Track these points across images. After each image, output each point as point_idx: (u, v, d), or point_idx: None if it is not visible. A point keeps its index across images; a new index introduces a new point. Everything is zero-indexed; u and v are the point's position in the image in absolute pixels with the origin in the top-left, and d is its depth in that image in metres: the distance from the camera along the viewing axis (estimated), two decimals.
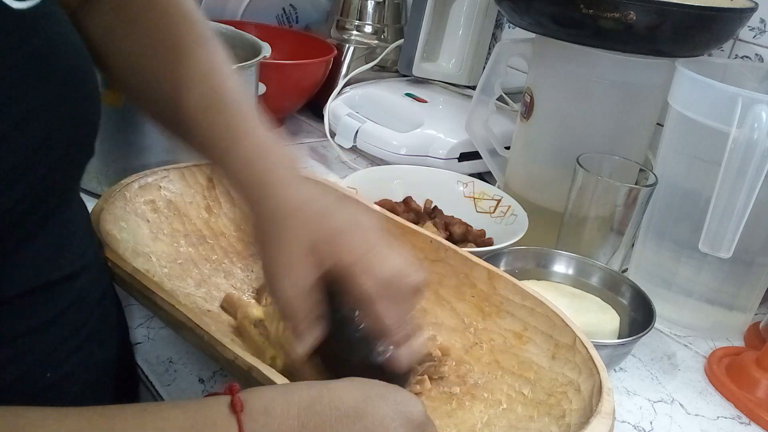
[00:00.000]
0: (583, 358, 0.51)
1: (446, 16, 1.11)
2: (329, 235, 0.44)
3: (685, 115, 0.68)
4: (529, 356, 0.54)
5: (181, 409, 0.37)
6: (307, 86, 1.06)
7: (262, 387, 0.40)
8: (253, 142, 0.48)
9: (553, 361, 0.53)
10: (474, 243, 0.76)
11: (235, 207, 0.69)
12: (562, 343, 0.53)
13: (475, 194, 0.85)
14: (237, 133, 0.48)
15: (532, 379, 0.53)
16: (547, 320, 0.55)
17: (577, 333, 0.52)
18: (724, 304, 0.73)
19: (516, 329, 0.56)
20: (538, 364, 0.54)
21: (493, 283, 0.58)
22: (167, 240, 0.63)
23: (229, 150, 0.48)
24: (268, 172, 0.47)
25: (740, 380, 0.65)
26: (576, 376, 0.50)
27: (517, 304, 0.57)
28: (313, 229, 0.45)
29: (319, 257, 0.44)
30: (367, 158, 1.00)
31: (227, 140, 0.48)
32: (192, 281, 0.62)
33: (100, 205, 0.59)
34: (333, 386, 0.39)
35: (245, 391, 0.38)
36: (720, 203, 0.63)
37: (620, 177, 0.73)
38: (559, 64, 0.80)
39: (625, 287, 0.70)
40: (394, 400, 0.39)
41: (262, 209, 0.46)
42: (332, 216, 0.45)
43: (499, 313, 0.57)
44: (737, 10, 0.72)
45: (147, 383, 0.57)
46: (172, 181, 0.66)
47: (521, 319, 0.56)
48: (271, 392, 0.39)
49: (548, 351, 0.54)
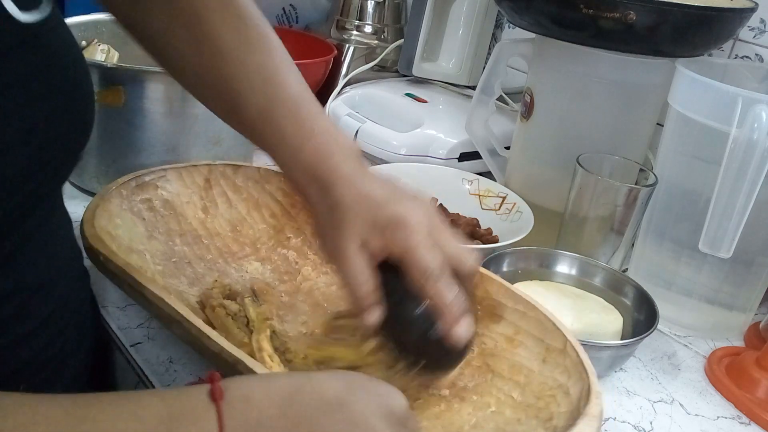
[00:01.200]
0: (573, 361, 0.51)
1: (446, 16, 1.11)
2: (389, 221, 0.46)
3: (685, 115, 0.68)
4: (520, 360, 0.54)
5: (159, 397, 0.36)
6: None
7: (243, 376, 0.41)
8: (318, 141, 0.49)
9: (543, 365, 0.53)
10: (480, 240, 0.76)
11: (231, 208, 0.69)
12: (553, 346, 0.53)
13: (480, 191, 0.85)
14: (301, 135, 0.50)
15: (522, 382, 0.53)
16: (538, 324, 0.54)
17: (568, 337, 0.52)
18: (724, 304, 0.73)
19: (508, 333, 0.56)
20: (529, 367, 0.53)
21: (485, 287, 0.58)
22: (162, 238, 0.63)
23: (295, 154, 0.50)
24: (334, 169, 0.49)
25: (740, 380, 0.65)
26: (566, 379, 0.50)
27: (509, 307, 0.56)
28: (368, 219, 0.47)
29: (379, 243, 0.46)
30: (367, 158, 1.00)
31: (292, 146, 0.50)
32: (185, 279, 0.62)
33: (96, 201, 0.59)
34: (315, 376, 0.39)
35: (226, 380, 0.37)
36: (720, 203, 0.63)
37: (620, 177, 0.73)
38: (559, 64, 0.80)
39: (628, 288, 0.70)
40: (377, 392, 0.39)
41: (325, 204, 0.49)
42: (392, 204, 0.47)
43: (491, 317, 0.57)
44: (737, 10, 0.72)
45: (147, 383, 0.57)
46: (170, 180, 0.66)
47: (513, 323, 0.56)
48: (252, 381, 0.39)
49: (539, 355, 0.53)
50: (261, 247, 0.68)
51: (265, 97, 0.50)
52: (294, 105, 0.50)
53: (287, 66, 0.52)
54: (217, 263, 0.65)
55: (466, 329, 0.46)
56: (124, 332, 0.60)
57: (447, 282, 0.46)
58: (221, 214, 0.68)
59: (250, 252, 0.67)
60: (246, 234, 0.68)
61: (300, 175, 0.50)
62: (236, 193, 0.70)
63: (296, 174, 0.50)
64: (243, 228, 0.69)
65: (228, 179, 0.70)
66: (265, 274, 0.66)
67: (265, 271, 0.66)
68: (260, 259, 0.67)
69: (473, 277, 0.49)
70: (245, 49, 0.51)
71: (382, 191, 0.48)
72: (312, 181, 0.49)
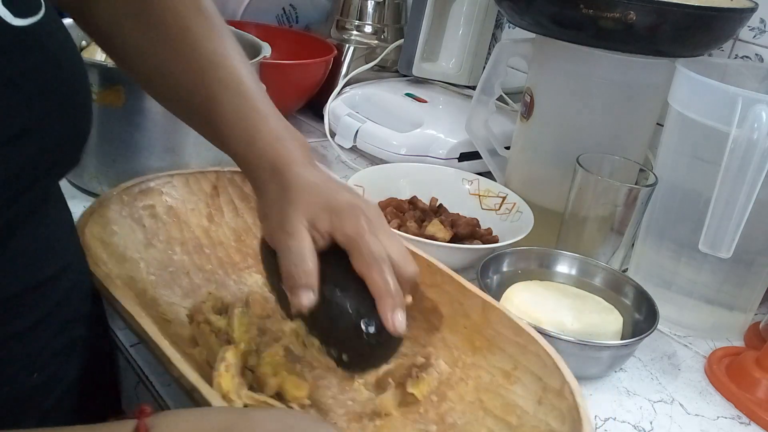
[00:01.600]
0: (569, 406, 0.48)
1: (446, 16, 1.11)
2: (334, 209, 0.46)
3: (685, 115, 0.68)
4: (515, 398, 0.52)
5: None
6: (307, 86, 1.06)
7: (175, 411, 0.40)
8: (271, 127, 0.50)
9: (538, 407, 0.50)
10: (480, 241, 0.76)
11: (237, 216, 0.68)
12: (550, 386, 0.50)
13: (480, 191, 0.85)
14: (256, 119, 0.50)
15: (514, 424, 0.50)
16: (538, 360, 0.52)
17: (567, 378, 0.49)
18: (724, 304, 0.73)
19: (505, 367, 0.53)
20: (523, 408, 0.51)
21: (486, 315, 0.55)
22: (161, 247, 0.62)
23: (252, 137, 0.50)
24: (288, 154, 0.49)
25: (740, 380, 0.65)
26: (559, 425, 0.48)
27: (510, 339, 0.54)
28: (319, 203, 0.46)
29: (326, 227, 0.46)
30: (367, 158, 1.00)
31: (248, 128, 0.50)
32: (180, 290, 0.61)
33: (92, 207, 0.58)
34: (251, 415, 0.38)
35: (156, 415, 0.36)
36: (720, 203, 0.63)
37: (620, 177, 0.73)
38: (559, 64, 0.80)
39: (628, 288, 0.70)
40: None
41: (273, 186, 0.48)
42: (338, 194, 0.47)
43: (490, 348, 0.55)
44: (737, 10, 0.72)
45: (147, 383, 0.56)
46: (176, 187, 0.65)
47: (512, 357, 0.53)
48: (182, 417, 0.38)
49: (535, 394, 0.51)
50: None
51: (217, 81, 0.51)
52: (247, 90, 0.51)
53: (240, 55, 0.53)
54: (216, 274, 0.64)
55: (401, 321, 0.45)
56: (124, 332, 0.60)
57: (389, 272, 0.45)
58: (226, 222, 0.67)
59: (253, 263, 0.66)
60: (250, 244, 0.67)
61: (254, 158, 0.50)
62: (244, 201, 0.68)
63: (250, 157, 0.50)
64: (247, 238, 0.67)
65: (236, 187, 0.68)
66: (264, 288, 0.64)
67: (264, 284, 0.64)
68: (261, 271, 0.66)
69: (411, 284, 0.48)
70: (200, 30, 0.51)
71: (332, 182, 0.49)
72: (266, 163, 0.49)
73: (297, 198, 0.47)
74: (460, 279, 0.57)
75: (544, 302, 0.65)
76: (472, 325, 0.56)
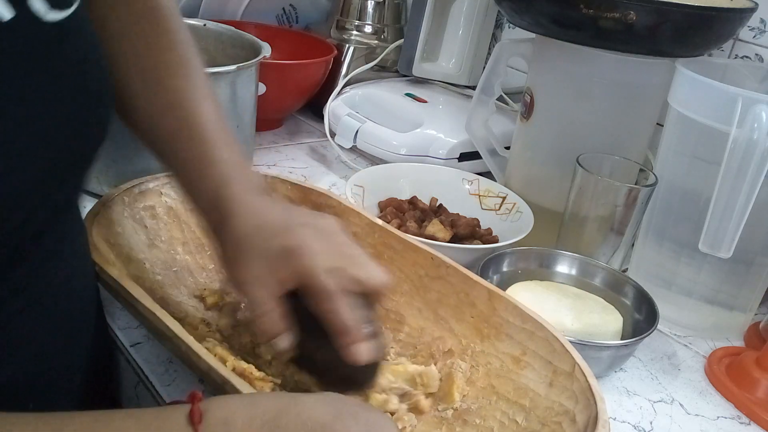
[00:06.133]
0: (582, 386, 0.49)
1: (446, 16, 1.11)
2: (284, 250, 0.45)
3: (685, 115, 0.68)
4: (526, 382, 0.53)
5: (135, 419, 0.35)
6: (307, 86, 1.06)
7: (226, 396, 0.39)
8: (219, 170, 0.49)
9: (550, 389, 0.51)
10: (480, 241, 0.76)
11: None
12: (560, 369, 0.51)
13: (480, 191, 0.85)
14: (203, 162, 0.50)
15: (527, 406, 0.51)
16: (547, 344, 0.53)
17: (577, 360, 0.50)
18: (724, 304, 0.73)
19: (514, 353, 0.54)
20: (535, 390, 0.52)
21: (493, 304, 0.56)
22: (164, 247, 0.63)
23: (197, 180, 0.50)
24: (232, 198, 0.48)
25: (740, 380, 0.65)
26: (572, 405, 0.49)
27: (517, 326, 0.55)
28: (271, 247, 0.46)
29: (281, 272, 0.45)
30: (367, 158, 1.00)
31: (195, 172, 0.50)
32: (186, 290, 0.61)
33: (97, 208, 0.59)
34: (302, 399, 0.38)
35: (207, 401, 0.36)
36: (720, 203, 0.63)
37: (620, 177, 0.73)
38: (559, 64, 0.80)
39: (628, 288, 0.70)
40: (366, 420, 0.38)
41: (225, 234, 0.48)
42: (288, 232, 0.46)
43: (498, 336, 0.56)
44: (737, 10, 0.72)
45: (147, 383, 0.56)
46: (174, 187, 0.66)
47: (520, 343, 0.54)
48: (234, 402, 0.38)
49: (546, 377, 0.52)
50: None
51: (176, 120, 0.51)
52: (201, 131, 0.51)
53: (202, 92, 0.52)
54: (220, 272, 0.64)
55: (366, 349, 0.45)
56: (124, 332, 0.60)
57: (345, 303, 0.45)
58: None
59: None
60: None
61: (202, 203, 0.50)
62: None
63: (198, 201, 0.50)
64: None
65: None
66: None
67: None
68: None
69: (381, 295, 0.48)
70: (164, 72, 0.51)
71: (280, 220, 0.47)
72: (212, 209, 0.49)
73: (244, 250, 0.46)
74: (464, 270, 0.59)
75: (544, 302, 0.65)
76: (479, 314, 0.57)
